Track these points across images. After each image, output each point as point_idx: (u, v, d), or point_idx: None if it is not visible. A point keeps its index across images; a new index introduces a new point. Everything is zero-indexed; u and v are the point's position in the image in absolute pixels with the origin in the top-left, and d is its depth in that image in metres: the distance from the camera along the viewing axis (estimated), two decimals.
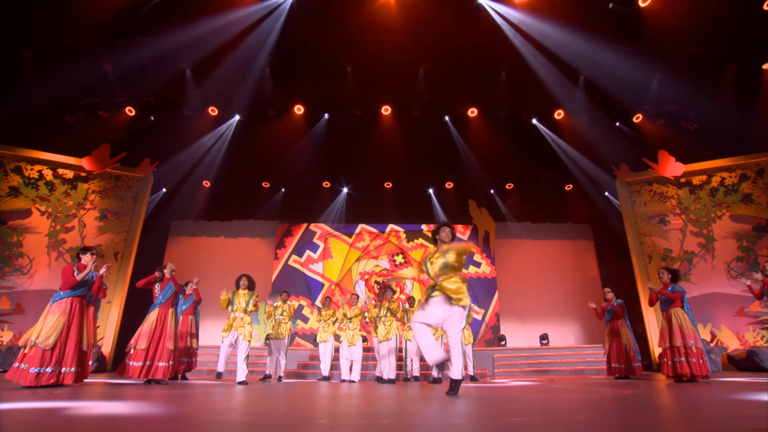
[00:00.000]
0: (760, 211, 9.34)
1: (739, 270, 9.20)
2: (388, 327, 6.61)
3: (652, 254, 10.08)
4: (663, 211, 10.24)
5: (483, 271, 11.81)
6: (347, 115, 9.63)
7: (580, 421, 2.22)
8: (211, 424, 2.15)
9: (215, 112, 9.52)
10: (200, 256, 11.84)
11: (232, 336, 5.66)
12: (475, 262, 11.89)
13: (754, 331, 8.81)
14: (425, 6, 7.31)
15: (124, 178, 10.34)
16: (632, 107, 9.39)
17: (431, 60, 8.46)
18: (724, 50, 8.03)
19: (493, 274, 11.77)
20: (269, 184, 11.63)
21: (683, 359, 5.30)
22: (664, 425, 2.12)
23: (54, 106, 8.81)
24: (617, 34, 7.59)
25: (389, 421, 2.24)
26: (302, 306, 11.46)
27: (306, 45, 8.19)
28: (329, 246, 12.08)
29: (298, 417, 2.47)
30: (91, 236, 9.71)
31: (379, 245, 12.10)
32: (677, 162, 10.01)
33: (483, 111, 9.67)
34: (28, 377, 4.14)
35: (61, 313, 4.44)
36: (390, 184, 11.99)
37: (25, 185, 9.33)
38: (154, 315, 5.32)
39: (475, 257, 11.89)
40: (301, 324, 11.32)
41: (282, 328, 7.01)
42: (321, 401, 3.51)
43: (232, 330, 5.65)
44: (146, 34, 7.59)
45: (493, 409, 2.83)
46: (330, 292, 11.58)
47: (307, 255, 12.01)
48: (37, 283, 8.92)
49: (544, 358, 9.48)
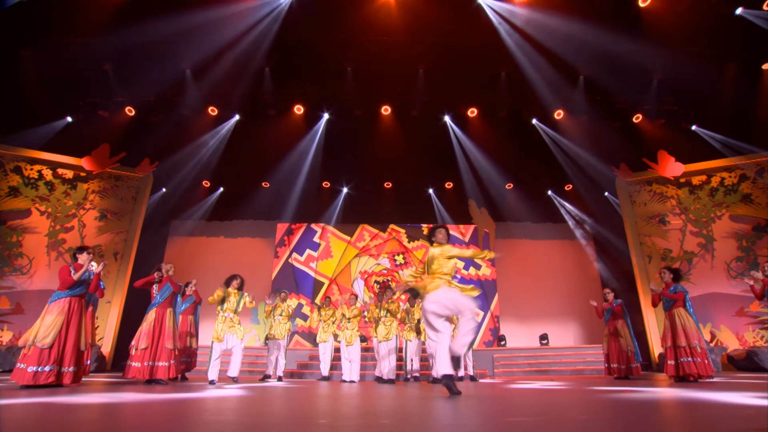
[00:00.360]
0: (760, 211, 9.34)
1: (739, 270, 9.20)
2: (388, 327, 6.60)
3: (652, 254, 10.09)
4: (663, 211, 10.25)
5: (483, 273, 11.79)
6: (347, 115, 9.63)
7: (580, 421, 2.22)
8: (210, 424, 2.14)
9: (215, 112, 9.51)
10: (200, 256, 11.83)
11: (227, 341, 5.62)
12: (476, 264, 11.88)
13: (754, 331, 8.81)
14: (425, 6, 7.31)
15: (124, 178, 10.33)
16: (632, 107, 9.39)
17: (431, 60, 8.46)
18: (723, 50, 8.03)
19: (493, 276, 11.75)
20: (269, 184, 11.63)
21: (690, 359, 5.28)
22: (665, 425, 2.12)
23: (54, 106, 8.81)
24: (617, 34, 7.59)
25: (389, 421, 2.24)
26: (302, 305, 11.47)
27: (306, 45, 8.18)
28: (330, 245, 12.09)
29: (297, 417, 2.47)
30: (91, 236, 9.70)
31: (379, 244, 12.10)
32: (677, 162, 10.01)
33: (483, 111, 9.67)
34: (26, 376, 4.15)
35: (59, 313, 4.45)
36: (390, 184, 11.99)
37: (25, 185, 9.33)
38: (152, 315, 5.32)
39: (476, 259, 11.87)
40: (300, 322, 11.32)
41: (281, 328, 7.01)
42: (321, 401, 3.51)
43: (227, 334, 5.61)
44: (146, 34, 7.59)
45: (492, 409, 2.82)
46: (330, 291, 11.59)
47: (308, 254, 12.02)
48: (37, 283, 8.91)
49: (543, 358, 9.48)
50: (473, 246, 12.02)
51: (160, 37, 7.59)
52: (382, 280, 11.72)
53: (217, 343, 5.58)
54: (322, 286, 11.73)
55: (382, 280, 11.72)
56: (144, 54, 8.06)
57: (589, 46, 7.75)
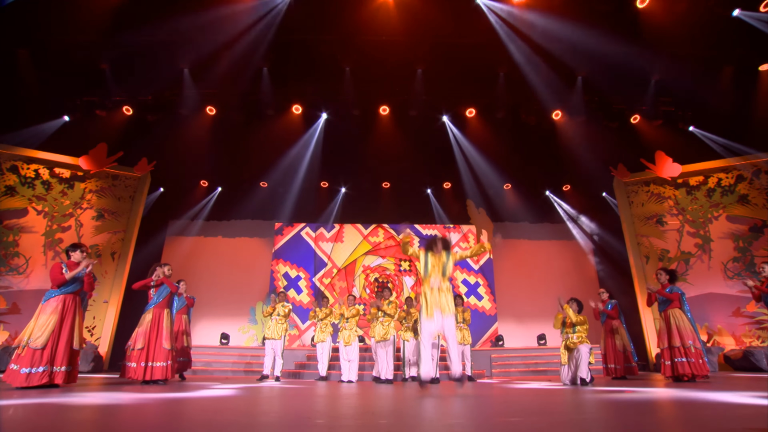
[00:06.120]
0: (756, 211, 9.39)
1: (736, 270, 9.23)
2: (386, 327, 6.60)
3: (650, 255, 10.12)
4: (660, 212, 10.28)
5: (483, 306, 11.53)
6: (345, 115, 9.62)
7: (579, 421, 2.22)
8: (207, 425, 2.14)
9: (213, 112, 9.49)
10: (198, 255, 11.81)
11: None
12: (478, 295, 11.64)
13: (751, 332, 8.84)
14: (423, 6, 7.31)
15: (122, 177, 10.30)
16: (630, 108, 9.42)
17: (429, 60, 8.46)
18: (721, 51, 8.06)
19: (492, 312, 11.46)
20: (267, 183, 11.61)
21: (684, 359, 5.31)
22: (662, 425, 2.12)
23: (51, 105, 8.77)
24: (615, 35, 7.61)
25: (387, 421, 2.24)
26: (300, 277, 11.61)
27: (304, 45, 8.17)
28: (344, 230, 12.15)
29: (295, 417, 2.46)
30: (88, 236, 9.67)
31: (390, 246, 12.06)
32: (674, 163, 10.05)
33: (481, 111, 9.67)
34: (19, 378, 4.10)
35: (52, 312, 4.40)
36: (388, 184, 11.99)
37: (22, 184, 9.28)
38: (149, 315, 5.30)
39: (479, 290, 11.68)
40: (294, 294, 11.43)
41: (278, 329, 7.00)
42: (318, 401, 3.50)
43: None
44: (144, 33, 7.56)
45: (490, 409, 2.83)
46: (329, 273, 11.69)
47: (320, 231, 12.09)
48: (33, 282, 8.87)
49: (541, 358, 9.49)
50: (467, 240, 12.05)
51: (158, 36, 7.57)
52: (382, 281, 11.71)
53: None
54: (324, 267, 11.76)
55: (382, 280, 11.71)
56: (142, 53, 8.04)
57: (587, 47, 7.77)
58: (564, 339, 5.65)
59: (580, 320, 5.55)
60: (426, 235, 12.14)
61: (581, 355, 5.34)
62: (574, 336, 5.53)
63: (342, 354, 6.78)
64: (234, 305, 11.46)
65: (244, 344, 11.06)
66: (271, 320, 7.09)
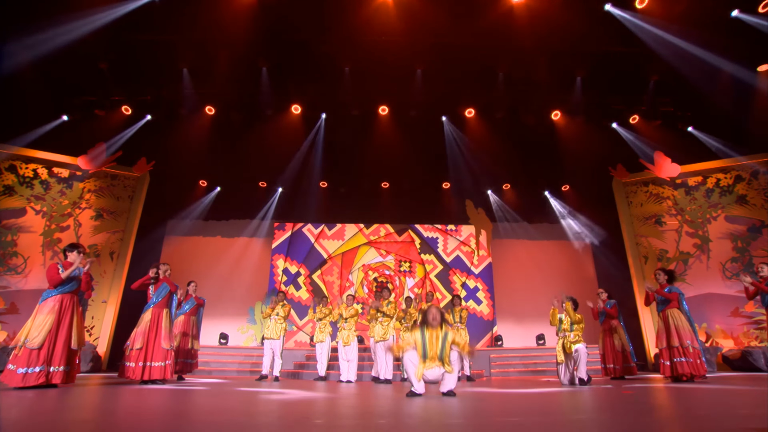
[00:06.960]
0: (755, 212, 9.40)
1: (734, 270, 9.25)
2: (385, 327, 6.60)
3: (648, 255, 10.13)
4: (659, 212, 10.29)
5: (481, 310, 11.47)
6: (345, 115, 9.62)
7: (578, 421, 2.22)
8: (205, 425, 2.14)
9: (212, 112, 9.48)
10: (197, 255, 11.79)
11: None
12: (477, 299, 11.58)
13: (749, 332, 8.86)
14: (423, 6, 7.30)
15: (120, 177, 10.29)
16: (629, 108, 9.43)
17: (429, 60, 8.46)
18: (719, 52, 8.07)
19: (490, 317, 11.40)
20: (266, 183, 11.60)
21: (683, 359, 5.32)
22: (662, 425, 2.13)
23: (49, 104, 8.75)
24: (613, 35, 7.62)
25: (386, 421, 2.24)
26: (299, 273, 11.66)
27: (304, 45, 8.16)
28: (345, 228, 12.17)
29: (294, 417, 2.46)
30: (87, 235, 9.65)
31: (391, 243, 12.03)
32: (673, 163, 10.06)
33: (480, 111, 9.68)
34: (16, 378, 4.08)
35: (49, 312, 4.38)
36: (387, 184, 11.98)
37: (20, 184, 9.26)
38: (148, 315, 5.29)
39: (478, 294, 11.65)
40: (293, 290, 11.45)
41: (276, 328, 7.00)
42: (317, 401, 3.50)
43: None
44: (143, 33, 7.55)
45: (489, 409, 2.83)
46: (329, 266, 11.70)
47: (322, 228, 12.13)
48: (32, 282, 8.85)
49: (540, 358, 9.49)
50: (468, 244, 12.04)
51: (157, 36, 7.55)
52: (382, 281, 11.69)
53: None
54: (323, 263, 11.77)
55: (382, 280, 11.70)
56: (141, 52, 8.02)
57: (586, 47, 7.75)
58: (561, 338, 5.67)
59: (578, 319, 5.56)
60: (426, 236, 12.14)
61: (580, 355, 5.34)
62: (571, 335, 5.54)
63: (341, 354, 6.77)
64: (233, 305, 11.44)
65: (242, 344, 11.05)
66: (270, 320, 7.08)
